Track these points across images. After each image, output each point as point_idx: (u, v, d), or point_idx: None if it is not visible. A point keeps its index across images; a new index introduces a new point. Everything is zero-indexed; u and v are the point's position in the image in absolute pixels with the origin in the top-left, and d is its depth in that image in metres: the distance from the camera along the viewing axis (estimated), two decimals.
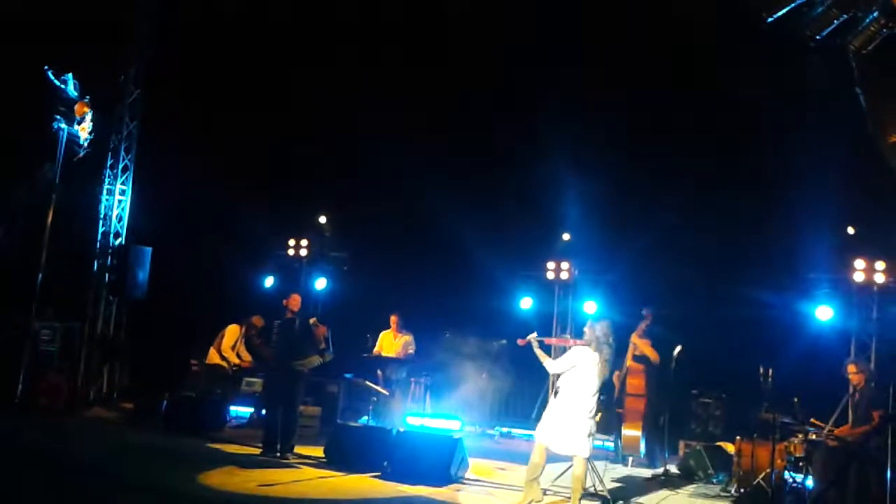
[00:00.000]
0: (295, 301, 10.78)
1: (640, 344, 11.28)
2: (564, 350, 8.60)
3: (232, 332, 12.84)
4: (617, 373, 11.41)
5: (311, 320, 10.79)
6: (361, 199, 15.48)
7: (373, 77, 14.80)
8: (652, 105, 13.35)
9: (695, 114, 13.22)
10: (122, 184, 14.42)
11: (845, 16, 9.01)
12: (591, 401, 8.34)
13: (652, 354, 11.12)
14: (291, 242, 15.13)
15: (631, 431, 11.03)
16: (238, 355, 12.95)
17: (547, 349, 8.84)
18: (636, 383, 11.21)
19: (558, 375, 8.61)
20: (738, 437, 9.90)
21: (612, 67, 13.46)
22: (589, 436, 8.33)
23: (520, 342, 8.88)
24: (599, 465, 9.53)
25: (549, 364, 8.60)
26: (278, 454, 10.17)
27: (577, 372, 8.33)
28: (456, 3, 14.05)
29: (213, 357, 12.78)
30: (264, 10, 14.74)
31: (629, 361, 11.34)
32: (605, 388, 11.34)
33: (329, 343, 10.88)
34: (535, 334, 8.68)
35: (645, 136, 13.66)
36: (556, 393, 8.52)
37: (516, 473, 9.75)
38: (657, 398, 11.14)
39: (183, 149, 14.37)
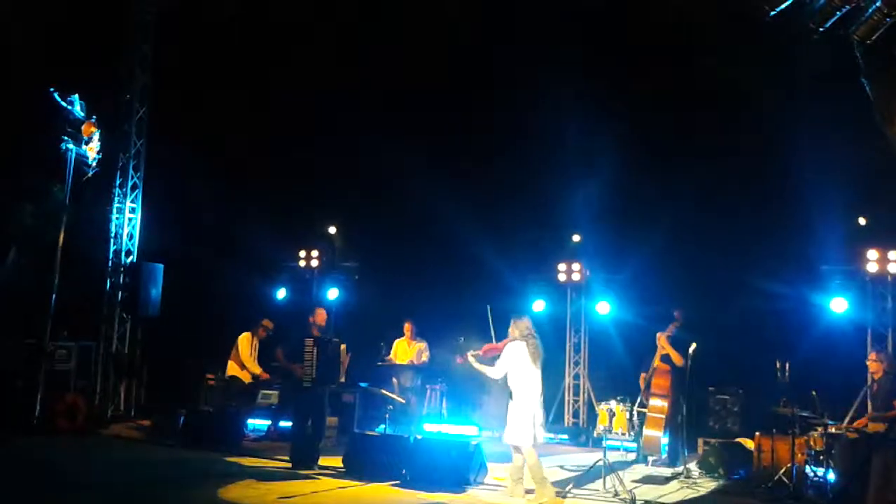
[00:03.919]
0: (321, 316, 10.68)
1: (665, 345, 11.15)
2: (497, 357, 8.91)
3: (245, 340, 12.86)
4: (643, 375, 11.35)
5: (342, 347, 10.73)
6: (370, 208, 15.50)
7: (376, 81, 14.83)
8: (660, 103, 13.32)
9: (703, 110, 13.17)
10: (132, 202, 14.48)
11: (848, 6, 8.97)
12: (535, 389, 8.71)
13: (676, 357, 11.01)
14: (302, 254, 15.16)
15: (653, 432, 10.92)
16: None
17: (487, 361, 9.03)
18: (662, 383, 11.06)
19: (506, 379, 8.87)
20: (757, 433, 9.86)
21: (618, 65, 13.45)
22: (534, 425, 8.60)
23: (458, 360, 9.44)
24: (616, 459, 9.58)
25: (492, 371, 8.91)
26: (304, 467, 10.15)
27: (517, 366, 8.73)
28: (457, 3, 14.07)
29: (232, 369, 12.80)
30: (267, 24, 14.81)
31: (657, 362, 11.20)
32: (628, 389, 11.38)
33: (346, 372, 10.89)
34: (469, 353, 9.11)
35: (654, 132, 13.63)
36: (510, 395, 8.83)
37: None
38: (679, 398, 11.05)
39: (191, 164, 14.43)
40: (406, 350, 13.00)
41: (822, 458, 9.15)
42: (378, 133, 14.03)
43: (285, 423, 11.89)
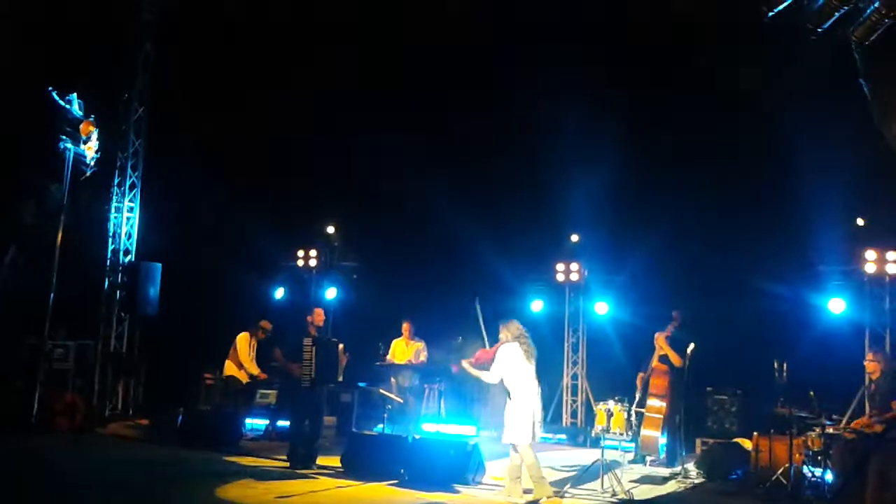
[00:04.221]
0: (319, 316, 10.70)
1: (663, 346, 11.13)
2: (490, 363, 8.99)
3: (243, 340, 12.85)
4: (641, 375, 11.34)
5: (340, 346, 10.75)
6: (369, 208, 15.49)
7: (376, 81, 14.82)
8: (660, 103, 13.31)
9: (703, 110, 13.16)
10: (130, 201, 14.48)
11: (846, 7, 9.00)
12: (532, 387, 8.82)
13: (674, 357, 11.01)
14: (300, 253, 15.15)
15: (651, 432, 10.91)
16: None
17: (481, 367, 9.08)
18: (659, 384, 11.04)
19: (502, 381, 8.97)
20: (755, 433, 9.85)
21: (617, 65, 13.44)
22: (533, 423, 8.70)
23: (454, 369, 9.57)
24: (616, 458, 9.60)
25: (488, 376, 8.98)
26: (302, 466, 10.16)
27: (514, 367, 8.82)
28: (457, 2, 14.06)
29: (229, 369, 12.79)
30: (268, 26, 14.80)
31: (654, 362, 11.19)
32: (627, 389, 11.36)
33: (343, 372, 10.90)
34: (463, 361, 9.22)
35: (653, 132, 13.62)
36: (508, 395, 8.91)
37: None
38: (677, 398, 11.04)
39: (189, 164, 14.42)
40: (404, 350, 13.00)
41: (819, 458, 9.14)
42: (377, 133, 14.03)
43: (283, 423, 11.90)
